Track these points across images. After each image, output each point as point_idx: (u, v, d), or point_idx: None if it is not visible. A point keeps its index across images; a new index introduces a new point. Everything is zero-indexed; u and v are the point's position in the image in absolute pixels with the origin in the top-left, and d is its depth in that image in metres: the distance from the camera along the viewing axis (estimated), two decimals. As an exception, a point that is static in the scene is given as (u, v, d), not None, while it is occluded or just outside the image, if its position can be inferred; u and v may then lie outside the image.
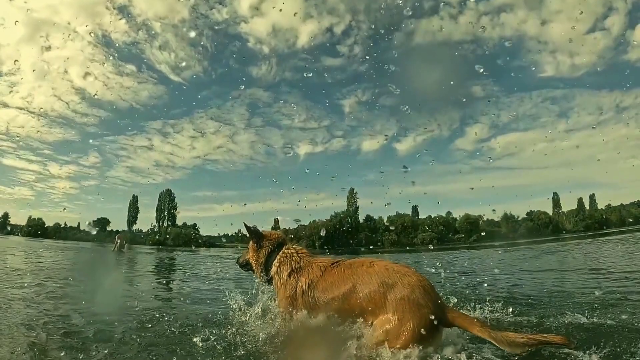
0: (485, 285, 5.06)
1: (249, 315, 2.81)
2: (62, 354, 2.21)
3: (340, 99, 72.93)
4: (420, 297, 2.07)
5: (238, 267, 3.01)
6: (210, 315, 3.17)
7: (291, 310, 2.44)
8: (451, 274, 6.67)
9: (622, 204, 51.00)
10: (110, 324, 2.85)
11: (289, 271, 2.55)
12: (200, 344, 2.35)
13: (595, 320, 2.80)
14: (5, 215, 67.87)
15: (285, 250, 2.70)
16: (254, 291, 2.96)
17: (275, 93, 72.22)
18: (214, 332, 2.54)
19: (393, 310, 2.08)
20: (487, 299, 3.31)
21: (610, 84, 65.31)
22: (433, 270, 6.34)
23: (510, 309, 3.14)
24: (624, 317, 2.82)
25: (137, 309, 3.43)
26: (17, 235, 54.53)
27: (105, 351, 2.26)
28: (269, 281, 2.72)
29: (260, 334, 2.43)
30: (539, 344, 1.98)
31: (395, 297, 2.10)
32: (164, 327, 2.80)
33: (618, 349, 2.13)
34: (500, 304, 3.21)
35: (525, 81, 69.86)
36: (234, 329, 2.60)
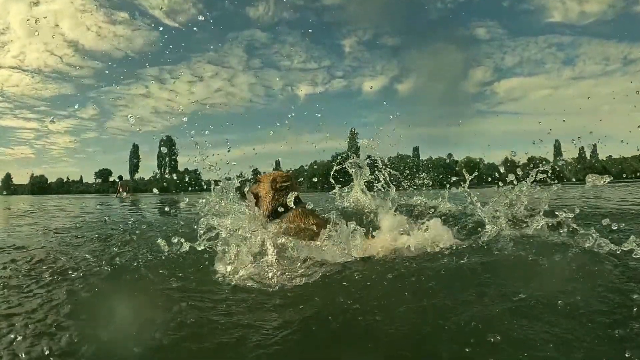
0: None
1: None
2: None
3: (340, 39, 67.70)
4: None
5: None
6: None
7: None
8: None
9: (622, 157, 50.77)
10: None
11: None
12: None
13: None
14: (8, 176, 67.75)
15: None
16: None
17: (273, 34, 66.73)
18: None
19: None
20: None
21: (619, 34, 60.36)
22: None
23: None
24: None
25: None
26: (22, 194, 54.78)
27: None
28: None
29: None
30: None
31: None
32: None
33: None
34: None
35: (532, 25, 64.26)
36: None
